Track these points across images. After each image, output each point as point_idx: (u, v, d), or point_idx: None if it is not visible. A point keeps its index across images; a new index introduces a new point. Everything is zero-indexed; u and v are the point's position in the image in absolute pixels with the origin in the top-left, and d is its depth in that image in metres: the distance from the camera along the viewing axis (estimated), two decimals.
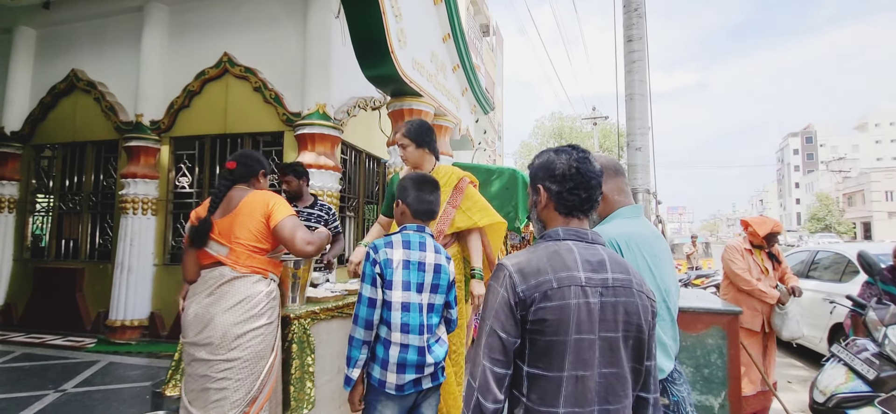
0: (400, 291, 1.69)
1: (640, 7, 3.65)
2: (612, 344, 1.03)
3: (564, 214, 1.16)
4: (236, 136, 5.57)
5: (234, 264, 1.95)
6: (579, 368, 1.00)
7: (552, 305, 1.01)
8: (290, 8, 5.39)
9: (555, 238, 1.13)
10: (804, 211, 53.76)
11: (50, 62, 6.39)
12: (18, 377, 4.09)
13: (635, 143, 3.61)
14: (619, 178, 1.54)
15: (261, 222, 1.98)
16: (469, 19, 21.30)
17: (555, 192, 1.15)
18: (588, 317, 1.02)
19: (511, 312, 1.03)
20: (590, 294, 1.03)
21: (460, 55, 6.63)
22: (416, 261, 1.72)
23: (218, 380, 1.85)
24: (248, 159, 2.15)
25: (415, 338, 1.69)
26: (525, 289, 1.03)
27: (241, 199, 2.02)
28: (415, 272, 1.71)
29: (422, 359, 1.69)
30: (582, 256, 1.07)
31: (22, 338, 5.50)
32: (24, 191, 6.44)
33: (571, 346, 1.00)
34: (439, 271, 1.77)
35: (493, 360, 1.03)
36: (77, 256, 6.20)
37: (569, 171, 1.14)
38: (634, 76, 3.64)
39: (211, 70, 5.55)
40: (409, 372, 1.67)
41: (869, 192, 42.33)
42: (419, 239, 1.77)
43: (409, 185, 1.85)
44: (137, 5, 5.76)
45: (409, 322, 1.68)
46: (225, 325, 1.87)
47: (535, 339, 1.02)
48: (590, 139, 31.36)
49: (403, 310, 1.68)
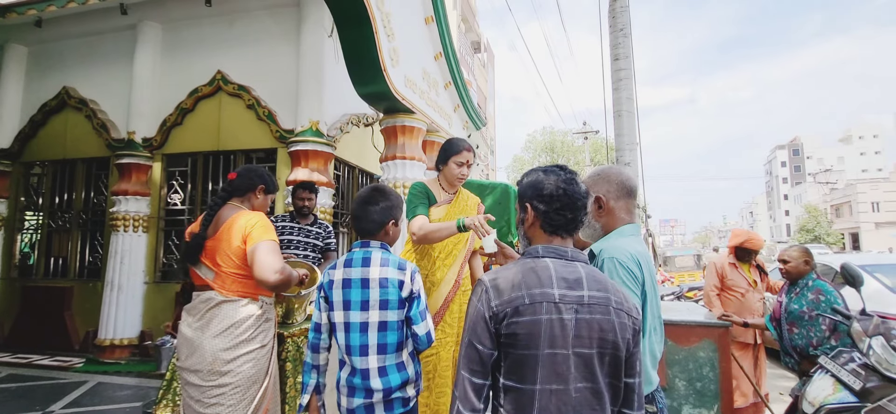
0: (340, 311, 1.65)
1: (626, 27, 3.75)
2: (587, 360, 1.05)
3: (549, 233, 1.19)
4: (229, 153, 5.57)
5: (220, 288, 1.92)
6: (553, 382, 1.03)
7: (523, 320, 1.04)
8: (283, 26, 5.46)
9: (534, 255, 1.16)
10: (793, 222, 54.46)
11: (41, 79, 6.38)
12: (4, 399, 4.00)
13: (624, 159, 3.68)
14: (630, 199, 1.55)
15: (239, 247, 1.92)
16: (460, 37, 21.58)
17: (542, 211, 1.18)
18: (561, 332, 1.04)
19: (486, 326, 1.08)
20: (564, 310, 1.05)
21: (452, 73, 6.72)
22: (357, 278, 1.65)
23: (210, 405, 1.82)
24: (250, 173, 2.13)
25: (357, 359, 1.62)
26: (498, 303, 1.07)
27: (227, 219, 1.97)
28: (357, 290, 1.64)
29: (367, 383, 1.60)
30: (559, 274, 1.10)
31: (8, 358, 5.39)
32: (12, 209, 6.37)
33: (543, 360, 1.03)
34: (386, 286, 1.64)
35: (471, 370, 1.08)
36: (66, 274, 6.12)
37: (556, 191, 1.17)
38: (622, 94, 3.72)
39: (204, 87, 5.57)
40: (358, 396, 1.61)
41: (856, 203, 43.02)
42: (362, 255, 1.69)
43: (354, 203, 1.80)
44: (130, 23, 5.78)
45: (350, 343, 1.63)
46: (214, 350, 1.84)
47: (509, 352, 1.06)
48: (581, 153, 31.68)
49: (345, 330, 1.64)
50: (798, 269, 3.09)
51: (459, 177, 2.51)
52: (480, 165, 17.36)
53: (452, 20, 18.65)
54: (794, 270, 3.10)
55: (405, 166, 5.13)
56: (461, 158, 2.47)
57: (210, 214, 2.00)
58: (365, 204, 1.74)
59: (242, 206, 2.06)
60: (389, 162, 5.14)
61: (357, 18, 4.18)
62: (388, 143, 5.28)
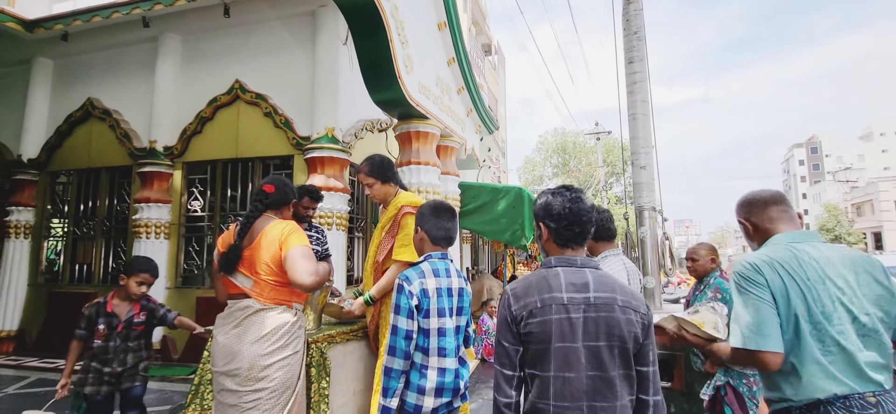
0: (436, 318, 1.76)
1: (640, 30, 3.74)
2: (596, 352, 1.24)
3: (560, 246, 1.38)
4: (247, 161, 5.69)
5: (258, 297, 1.97)
6: (564, 370, 1.23)
7: (536, 321, 1.26)
8: (299, 35, 5.56)
9: (548, 266, 1.37)
10: (812, 222, 53.28)
11: (66, 91, 6.59)
12: (33, 403, 4.13)
13: (639, 162, 3.66)
14: (769, 208, 1.57)
15: (277, 252, 1.98)
16: (471, 40, 21.63)
17: (552, 228, 1.38)
18: (570, 329, 1.24)
19: (509, 327, 1.30)
20: (572, 310, 1.25)
21: (465, 77, 6.77)
22: (446, 287, 1.81)
23: (247, 410, 1.88)
24: (285, 187, 2.17)
25: (450, 361, 1.77)
26: (517, 308, 1.29)
27: (262, 230, 2.03)
28: (446, 298, 1.80)
29: (456, 382, 1.78)
30: (568, 280, 1.30)
31: (36, 363, 5.56)
32: (39, 217, 6.57)
33: (555, 352, 1.24)
34: (462, 294, 1.88)
35: (501, 364, 1.31)
36: (90, 280, 6.29)
37: (563, 210, 1.37)
38: (636, 96, 3.71)
39: (223, 97, 5.70)
40: (445, 395, 1.75)
41: (878, 201, 41.92)
42: (445, 266, 1.85)
43: (427, 213, 1.91)
44: (151, 35, 5.95)
45: (445, 346, 1.77)
46: (252, 356, 1.90)
47: (528, 347, 1.28)
48: (593, 154, 31.43)
49: (439, 335, 1.76)
50: (705, 267, 3.05)
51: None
52: (492, 168, 17.37)
53: (463, 23, 18.69)
54: (701, 267, 3.06)
55: (420, 171, 5.18)
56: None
57: (246, 224, 2.04)
58: (453, 217, 1.93)
59: (275, 216, 2.12)
60: (404, 167, 5.20)
61: (372, 27, 4.25)
62: (403, 149, 5.33)
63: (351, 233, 5.80)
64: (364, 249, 6.26)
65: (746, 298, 1.41)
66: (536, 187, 34.08)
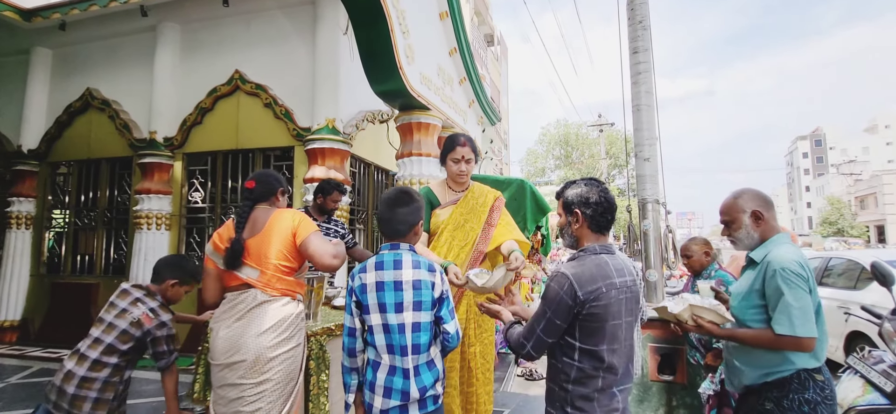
0: (377, 314, 1.66)
1: (645, 20, 3.67)
2: (629, 325, 1.51)
3: (595, 232, 1.53)
4: (248, 152, 5.65)
5: (264, 287, 1.94)
6: (613, 343, 1.45)
7: (600, 303, 1.42)
8: (299, 25, 5.49)
9: (593, 252, 1.50)
10: (815, 214, 53.09)
11: (65, 81, 6.55)
12: (36, 393, 4.15)
13: (643, 154, 3.62)
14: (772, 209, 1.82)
15: (289, 240, 1.98)
16: (473, 30, 21.46)
17: (589, 215, 1.52)
18: (618, 308, 1.45)
19: (568, 310, 1.43)
20: (620, 293, 1.46)
21: (467, 68, 6.70)
22: (390, 280, 1.67)
23: (251, 402, 1.86)
24: (267, 178, 2.14)
25: (406, 360, 1.65)
26: (583, 293, 1.41)
27: (267, 219, 2.01)
28: (390, 293, 1.66)
29: (407, 384, 1.63)
30: (614, 266, 1.47)
31: (39, 353, 5.58)
32: (40, 207, 6.56)
33: (608, 329, 1.44)
34: (419, 287, 1.68)
35: (547, 334, 1.46)
36: (92, 271, 6.30)
37: (600, 199, 1.52)
38: (641, 87, 3.65)
39: (222, 87, 5.65)
40: (394, 397, 1.62)
41: (881, 194, 41.73)
42: (393, 257, 1.71)
43: (381, 206, 1.80)
44: (150, 25, 5.89)
45: (392, 343, 1.66)
46: (258, 349, 1.87)
47: (586, 325, 1.43)
48: (596, 146, 31.30)
49: (385, 331, 1.66)
50: (700, 261, 3.03)
51: (457, 174, 2.44)
52: (494, 160, 17.30)
53: (465, 13, 18.54)
54: (696, 262, 3.04)
55: (422, 163, 5.13)
56: (455, 155, 2.42)
57: (241, 219, 2.02)
58: (394, 206, 1.76)
59: (271, 207, 2.09)
60: (405, 158, 5.16)
61: (372, 16, 4.19)
62: (404, 140, 5.29)
63: (352, 224, 5.77)
64: (365, 239, 6.23)
65: (797, 292, 1.60)
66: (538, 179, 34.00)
